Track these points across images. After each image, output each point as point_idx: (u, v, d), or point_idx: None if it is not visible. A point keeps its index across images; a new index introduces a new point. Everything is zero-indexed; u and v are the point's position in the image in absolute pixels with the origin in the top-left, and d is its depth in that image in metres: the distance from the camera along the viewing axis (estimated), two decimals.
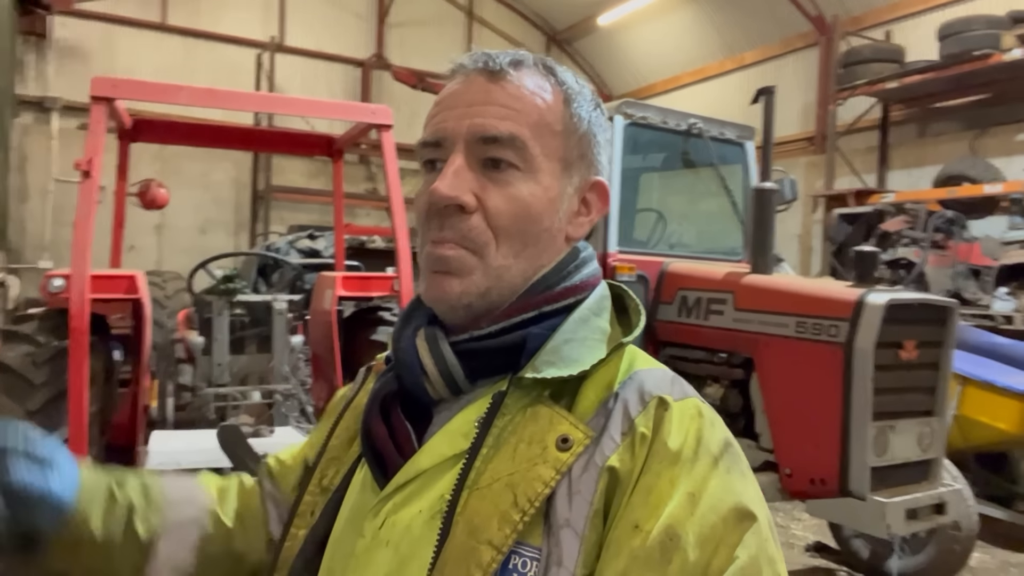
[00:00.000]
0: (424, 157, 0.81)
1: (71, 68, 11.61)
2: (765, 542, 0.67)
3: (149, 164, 10.71)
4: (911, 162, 9.87)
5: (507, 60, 0.79)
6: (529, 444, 0.70)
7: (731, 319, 3.79)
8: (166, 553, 0.91)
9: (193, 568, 0.92)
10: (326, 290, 3.83)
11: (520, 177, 0.76)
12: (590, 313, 0.79)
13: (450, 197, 0.74)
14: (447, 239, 0.76)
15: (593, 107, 0.82)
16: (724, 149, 4.85)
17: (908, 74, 8.84)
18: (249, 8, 12.98)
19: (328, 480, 0.84)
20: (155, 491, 0.93)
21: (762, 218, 3.88)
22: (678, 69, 13.64)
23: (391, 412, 0.78)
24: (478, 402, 0.75)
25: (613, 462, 0.68)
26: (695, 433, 0.70)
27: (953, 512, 3.44)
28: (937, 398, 3.50)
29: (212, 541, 0.94)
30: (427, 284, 0.78)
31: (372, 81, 13.74)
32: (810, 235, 10.90)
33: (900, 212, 8.05)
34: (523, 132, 0.76)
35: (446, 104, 0.79)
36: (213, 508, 0.96)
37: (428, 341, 0.77)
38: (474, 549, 0.66)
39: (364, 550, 0.73)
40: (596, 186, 0.84)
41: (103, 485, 0.89)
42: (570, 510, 0.67)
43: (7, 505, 0.77)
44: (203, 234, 11.86)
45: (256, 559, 0.96)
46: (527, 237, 0.77)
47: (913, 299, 3.34)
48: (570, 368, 0.73)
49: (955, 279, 7.17)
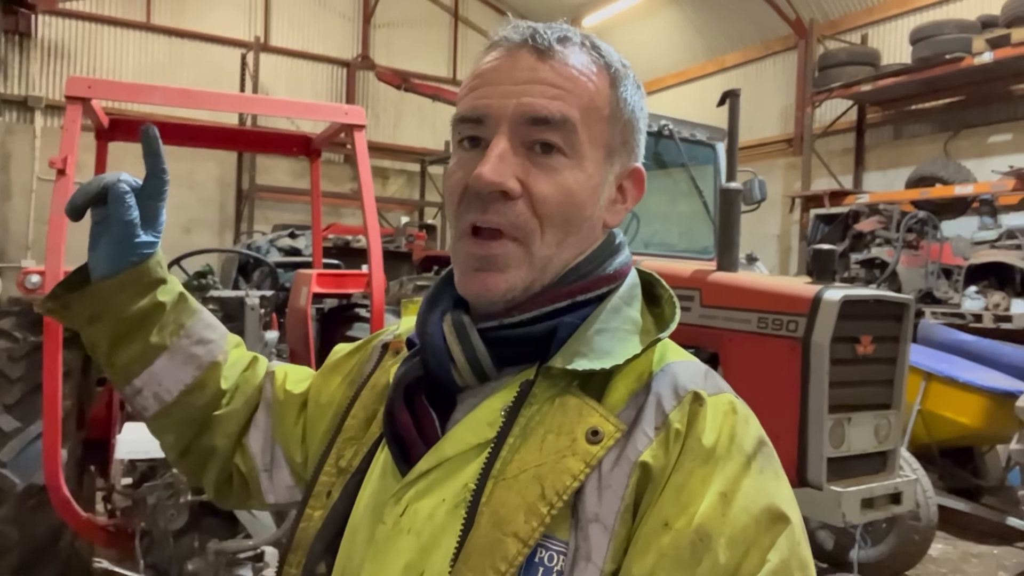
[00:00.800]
0: (462, 133, 0.76)
1: (55, 67, 11.61)
2: (797, 545, 0.65)
3: (133, 163, 10.67)
4: (886, 163, 10.04)
5: (555, 36, 0.75)
6: (558, 435, 0.68)
7: (697, 315, 3.89)
8: (160, 371, 0.96)
9: (171, 403, 0.97)
10: (302, 287, 3.91)
11: (566, 164, 0.73)
12: (622, 303, 0.77)
13: (495, 183, 0.71)
14: (492, 224, 0.72)
15: (636, 89, 0.79)
16: (696, 150, 4.96)
17: (882, 77, 8.99)
18: (234, 8, 13.01)
19: (346, 461, 0.82)
20: (186, 309, 0.98)
21: (728, 217, 3.97)
22: (661, 71, 13.77)
23: (415, 398, 0.76)
24: (504, 390, 0.74)
25: (646, 457, 0.67)
26: (729, 430, 0.69)
27: (909, 502, 3.55)
28: (894, 392, 3.61)
29: (199, 393, 0.98)
30: (467, 280, 0.75)
31: (357, 81, 13.80)
32: (788, 235, 11.05)
33: (874, 213, 8.20)
34: (574, 114, 0.73)
35: (488, 79, 0.75)
36: (217, 361, 0.99)
37: (456, 327, 0.75)
38: (500, 541, 0.65)
39: (384, 537, 0.72)
40: (634, 173, 0.81)
41: (164, 275, 0.95)
42: (600, 504, 0.66)
43: (112, 218, 0.90)
44: (187, 233, 11.88)
45: (220, 440, 0.99)
46: (570, 226, 0.74)
47: (868, 295, 3.45)
48: (602, 361, 0.71)
49: (927, 278, 7.31)
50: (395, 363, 0.84)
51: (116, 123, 3.68)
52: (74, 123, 2.86)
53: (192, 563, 2.11)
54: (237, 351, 1.04)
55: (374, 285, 3.24)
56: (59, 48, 11.72)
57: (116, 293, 0.92)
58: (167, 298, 0.95)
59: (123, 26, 12.19)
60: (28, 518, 2.84)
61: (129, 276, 0.91)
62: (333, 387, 0.95)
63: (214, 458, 1.01)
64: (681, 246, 5.11)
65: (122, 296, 0.92)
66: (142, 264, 0.92)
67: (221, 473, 1.02)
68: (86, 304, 0.93)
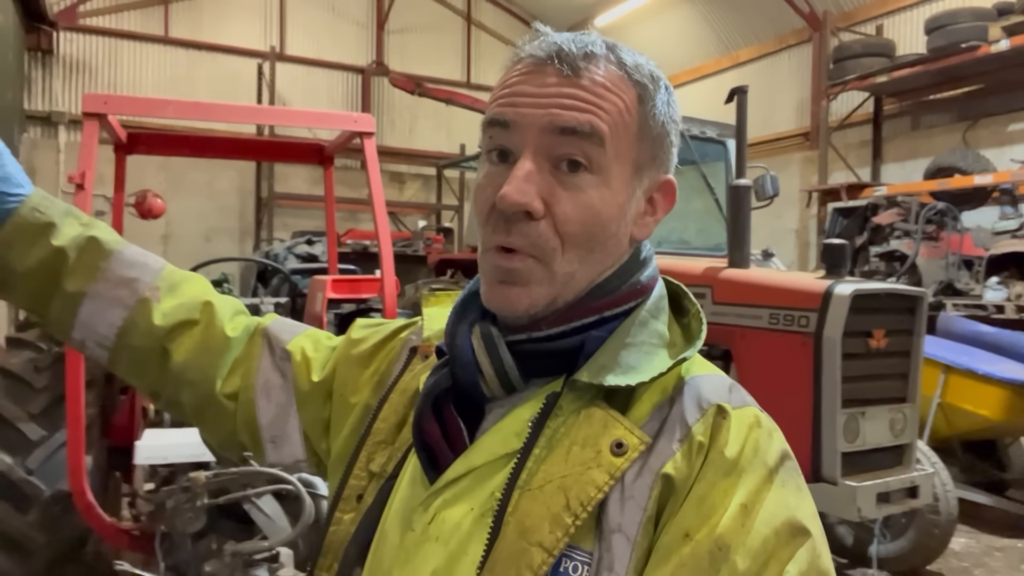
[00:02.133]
0: (491, 139, 0.76)
1: (77, 82, 11.84)
2: (817, 559, 0.66)
3: (155, 174, 10.91)
4: (904, 155, 9.93)
5: (580, 53, 0.74)
6: (583, 447, 0.69)
7: (709, 313, 3.90)
8: (87, 318, 0.95)
9: (113, 348, 0.97)
10: (317, 293, 3.97)
11: (592, 182, 0.73)
12: (649, 316, 0.77)
13: (519, 203, 0.71)
14: (515, 245, 0.73)
15: (666, 100, 0.78)
16: (707, 147, 4.97)
17: (898, 68, 8.91)
18: (250, 18, 13.18)
19: (378, 465, 0.82)
20: (99, 251, 0.96)
21: (738, 214, 3.98)
22: (675, 68, 13.72)
23: (443, 408, 0.77)
24: (532, 401, 0.74)
25: (668, 469, 0.68)
26: (752, 443, 0.69)
27: (926, 496, 3.54)
28: (909, 385, 3.60)
29: (134, 332, 0.96)
30: (491, 293, 0.76)
31: (372, 88, 13.91)
32: (807, 230, 10.96)
33: (893, 205, 8.11)
34: (603, 128, 0.73)
35: (518, 91, 0.75)
36: (144, 297, 0.97)
37: (484, 339, 0.76)
38: (525, 550, 0.66)
39: (413, 544, 0.73)
40: (664, 185, 0.81)
41: (49, 219, 0.92)
42: (622, 515, 0.67)
43: None
44: (208, 242, 12.05)
45: (186, 385, 0.98)
46: (594, 243, 0.74)
47: (879, 289, 3.44)
48: (628, 377, 0.71)
49: (948, 270, 7.22)
50: (424, 368, 0.85)
51: (134, 137, 3.77)
52: (91, 139, 2.94)
53: (210, 564, 2.17)
54: (189, 286, 1.02)
55: (386, 289, 3.29)
56: (80, 64, 11.95)
57: (5, 252, 0.92)
58: (63, 243, 0.93)
59: (142, 40, 12.40)
60: (55, 523, 2.92)
61: (8, 232, 0.91)
62: (360, 383, 0.95)
63: (186, 404, 1.01)
64: (694, 244, 5.12)
65: (12, 253, 0.92)
66: (15, 215, 0.91)
67: (204, 417, 1.02)
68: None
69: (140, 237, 6.96)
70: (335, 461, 0.93)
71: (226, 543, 2.23)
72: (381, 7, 14.07)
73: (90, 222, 0.98)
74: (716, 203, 5.00)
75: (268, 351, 1.01)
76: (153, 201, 4.72)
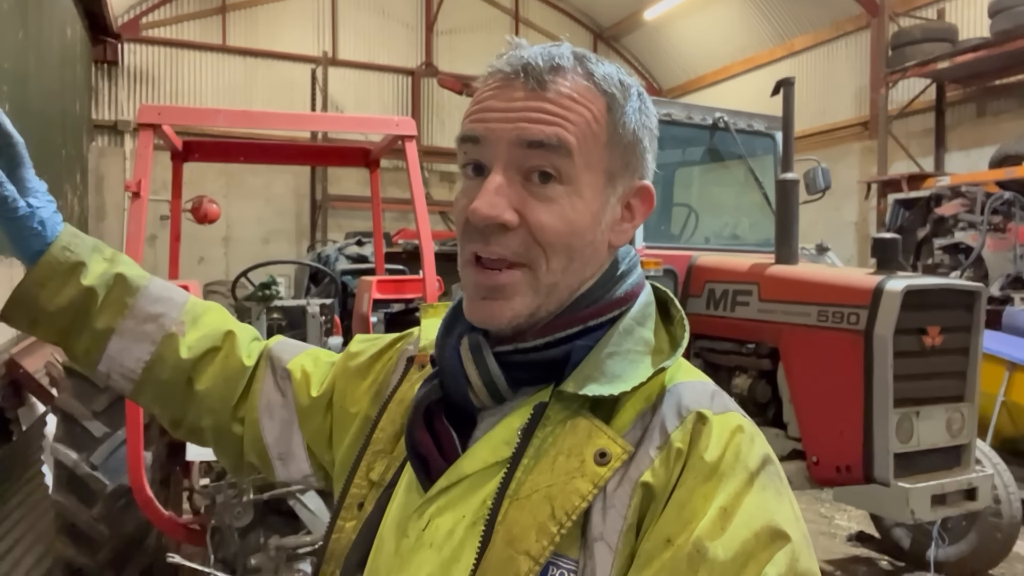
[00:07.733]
0: (464, 154, 0.78)
1: (141, 92, 12.33)
2: (796, 562, 0.66)
3: (215, 180, 11.29)
4: (969, 143, 9.54)
5: (547, 67, 0.75)
6: (568, 457, 0.70)
7: (756, 310, 3.83)
8: (115, 353, 0.99)
9: (139, 381, 1.00)
10: (364, 294, 4.06)
11: (563, 192, 0.74)
12: (634, 323, 0.78)
13: (489, 216, 0.73)
14: (497, 255, 0.74)
15: (637, 108, 0.79)
16: (755, 141, 4.87)
17: (959, 53, 8.57)
18: (303, 25, 13.49)
19: (377, 474, 0.84)
20: (126, 288, 0.98)
21: (785, 209, 3.89)
22: (727, 59, 13.48)
23: (435, 418, 0.79)
24: (522, 409, 0.76)
25: (647, 477, 0.69)
26: (734, 448, 0.70)
27: (985, 498, 3.41)
28: (967, 383, 3.47)
29: (161, 366, 1.00)
30: (472, 307, 0.77)
31: (422, 89, 14.07)
32: (866, 222, 10.64)
33: (957, 195, 7.81)
34: (570, 140, 0.73)
35: (487, 106, 0.77)
36: (171, 333, 1.00)
37: (472, 351, 0.77)
38: (512, 559, 0.67)
39: (408, 550, 0.74)
40: (640, 191, 0.81)
41: (79, 258, 0.95)
42: (604, 524, 0.68)
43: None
44: (266, 244, 12.39)
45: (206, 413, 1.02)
46: (572, 252, 0.75)
47: (933, 284, 3.32)
48: (612, 386, 0.72)
49: (1016, 262, 6.92)
50: (420, 377, 0.87)
51: (189, 145, 3.92)
52: (146, 148, 3.07)
53: (256, 558, 2.25)
54: (210, 317, 1.05)
55: (427, 290, 3.35)
56: (143, 73, 12.44)
57: (37, 291, 0.94)
58: (93, 282, 0.96)
59: (201, 49, 12.83)
60: (118, 517, 3.06)
61: (41, 272, 0.94)
62: (359, 393, 0.97)
63: (207, 429, 1.04)
64: (743, 239, 5.03)
65: (44, 293, 0.94)
66: (47, 255, 0.93)
67: (220, 441, 1.05)
68: (19, 310, 0.95)
69: (203, 241, 7.32)
70: (338, 471, 0.96)
71: (271, 537, 2.30)
72: (430, 8, 14.22)
73: (114, 256, 1.01)
74: (764, 197, 4.91)
75: (270, 372, 1.05)
76: (208, 207, 4.89)
